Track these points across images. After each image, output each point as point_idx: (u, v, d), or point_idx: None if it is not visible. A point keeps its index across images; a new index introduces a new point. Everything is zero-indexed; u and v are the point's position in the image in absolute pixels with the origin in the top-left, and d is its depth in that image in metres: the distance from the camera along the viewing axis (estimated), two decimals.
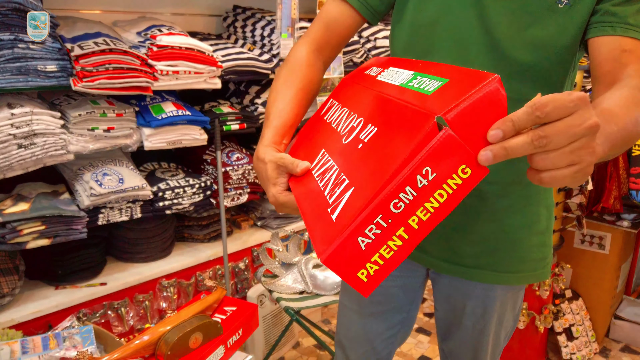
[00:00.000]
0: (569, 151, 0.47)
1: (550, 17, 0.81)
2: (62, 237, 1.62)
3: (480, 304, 1.03)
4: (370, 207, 0.51)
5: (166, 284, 1.93)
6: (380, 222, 0.52)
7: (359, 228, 0.52)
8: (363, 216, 0.52)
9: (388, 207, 0.51)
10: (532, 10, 0.81)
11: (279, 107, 0.86)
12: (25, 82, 1.53)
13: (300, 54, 0.95)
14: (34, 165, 1.59)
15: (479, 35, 0.85)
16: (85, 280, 1.80)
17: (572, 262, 2.39)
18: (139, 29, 1.89)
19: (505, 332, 1.11)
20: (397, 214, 0.52)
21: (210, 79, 1.93)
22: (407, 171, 0.50)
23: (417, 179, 0.51)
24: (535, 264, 1.02)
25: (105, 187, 1.71)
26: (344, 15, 0.96)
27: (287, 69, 0.93)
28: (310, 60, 0.95)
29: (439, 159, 0.50)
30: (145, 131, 1.81)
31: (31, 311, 1.61)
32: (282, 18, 2.09)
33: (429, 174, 0.50)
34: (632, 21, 0.77)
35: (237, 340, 1.38)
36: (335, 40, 0.97)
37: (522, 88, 0.86)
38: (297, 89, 0.89)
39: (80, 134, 1.67)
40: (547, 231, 1.04)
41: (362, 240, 0.52)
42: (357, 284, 0.54)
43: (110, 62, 1.62)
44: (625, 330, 2.46)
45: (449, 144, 0.50)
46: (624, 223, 2.31)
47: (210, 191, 2.02)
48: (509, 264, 0.99)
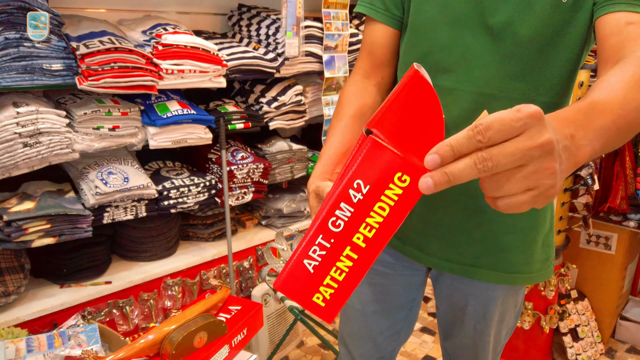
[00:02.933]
0: (522, 176, 0.42)
1: (554, 13, 0.79)
2: (67, 236, 1.62)
3: (481, 304, 1.03)
4: (311, 229, 0.51)
5: (171, 283, 1.93)
6: (323, 243, 0.51)
7: (304, 251, 0.52)
8: (307, 239, 0.52)
9: (327, 226, 0.51)
10: (535, 6, 0.80)
11: (331, 140, 0.88)
12: (30, 81, 1.53)
13: (350, 87, 0.97)
14: (39, 164, 1.59)
15: (480, 33, 0.84)
16: (90, 279, 1.80)
17: (578, 262, 2.38)
18: (144, 27, 1.89)
19: (507, 330, 1.11)
20: (338, 233, 0.50)
21: (215, 77, 1.93)
22: (339, 188, 0.49)
23: (350, 194, 0.49)
24: (540, 265, 1.01)
25: (110, 185, 1.71)
26: (378, 34, 0.96)
27: (339, 104, 0.96)
28: (359, 88, 0.96)
29: (369, 169, 0.48)
30: (151, 130, 1.81)
31: (36, 310, 1.62)
32: (287, 17, 2.08)
33: (361, 187, 0.48)
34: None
35: (241, 339, 1.38)
36: (381, 60, 0.98)
37: (525, 87, 0.85)
38: (348, 117, 0.91)
39: (85, 133, 1.67)
40: (550, 232, 1.03)
41: (308, 263, 0.52)
42: (315, 309, 0.53)
43: (116, 60, 1.62)
44: (631, 331, 2.45)
45: (375, 152, 0.47)
46: (630, 223, 2.29)
47: (215, 190, 2.02)
48: (512, 264, 0.98)
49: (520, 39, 0.82)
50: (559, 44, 0.82)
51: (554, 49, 0.82)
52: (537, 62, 0.83)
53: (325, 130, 2.38)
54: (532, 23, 0.81)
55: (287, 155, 2.32)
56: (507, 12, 0.82)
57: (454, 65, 0.87)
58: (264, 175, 2.19)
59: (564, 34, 0.81)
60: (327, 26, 2.27)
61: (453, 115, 0.88)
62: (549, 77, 0.85)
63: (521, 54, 0.83)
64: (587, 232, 2.27)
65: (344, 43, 2.37)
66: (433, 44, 0.89)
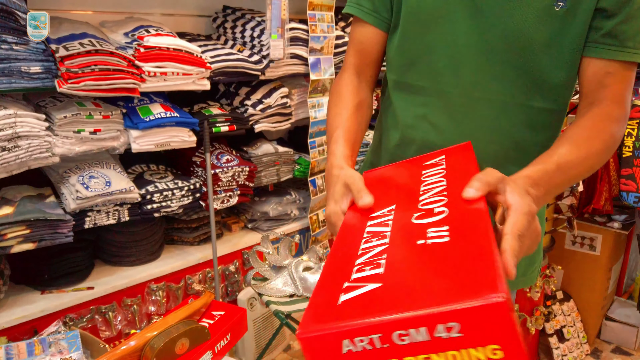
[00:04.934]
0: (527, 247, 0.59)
1: (547, 20, 0.80)
2: (47, 241, 1.59)
3: None
4: (374, 319, 0.45)
5: (155, 288, 1.91)
6: (375, 340, 0.46)
7: (352, 331, 0.46)
8: (363, 323, 0.45)
9: (391, 332, 0.45)
10: (528, 13, 0.80)
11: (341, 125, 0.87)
12: (8, 84, 1.50)
13: (344, 81, 0.97)
14: (18, 168, 1.56)
15: (473, 39, 0.84)
16: (72, 285, 1.77)
17: (563, 264, 2.40)
18: (127, 29, 1.87)
19: None
20: (396, 345, 0.45)
21: (199, 80, 1.91)
22: (431, 311, 0.43)
23: (437, 326, 0.43)
24: (524, 269, 1.01)
25: (91, 190, 1.68)
26: (366, 34, 0.97)
27: (336, 95, 0.95)
28: (355, 85, 0.96)
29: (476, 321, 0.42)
30: (133, 133, 1.78)
31: (16, 316, 1.59)
32: (271, 19, 2.07)
33: (452, 330, 0.43)
34: (630, 44, 0.78)
35: (225, 345, 1.36)
36: (370, 60, 0.98)
37: (516, 92, 0.85)
38: (352, 107, 0.91)
39: (66, 136, 1.64)
40: None
41: (346, 345, 0.46)
42: None
43: (96, 63, 1.60)
44: (616, 331, 2.47)
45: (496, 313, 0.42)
46: (614, 224, 2.31)
47: (200, 193, 2.00)
48: None
49: (510, 43, 0.82)
50: (550, 50, 0.82)
51: (546, 56, 0.82)
52: (528, 68, 0.84)
53: (312, 133, 2.38)
54: (522, 27, 0.81)
55: (273, 157, 2.31)
56: (499, 16, 0.82)
57: (444, 68, 0.88)
58: (249, 178, 2.17)
59: (556, 42, 0.81)
60: (313, 28, 2.27)
61: (444, 120, 0.89)
62: (541, 83, 0.85)
63: (511, 59, 0.83)
64: (572, 233, 2.29)
65: (329, 45, 2.36)
66: (425, 47, 0.89)
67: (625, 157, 2.22)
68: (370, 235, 0.62)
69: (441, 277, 0.48)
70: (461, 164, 0.74)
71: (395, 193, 0.72)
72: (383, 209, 0.68)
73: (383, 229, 0.62)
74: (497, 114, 0.86)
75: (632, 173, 2.18)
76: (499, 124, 0.87)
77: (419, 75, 0.91)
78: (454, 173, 0.71)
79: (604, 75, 0.80)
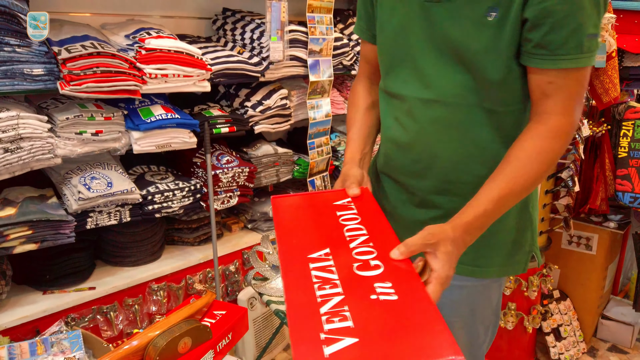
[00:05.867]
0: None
1: (482, 29, 0.85)
2: (49, 242, 1.60)
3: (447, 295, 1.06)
4: None
5: (156, 288, 1.92)
6: None
7: None
8: None
9: None
10: (466, 23, 0.87)
11: (354, 127, 1.09)
12: (11, 86, 1.51)
13: (357, 87, 1.16)
14: (20, 170, 1.58)
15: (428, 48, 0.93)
16: (73, 285, 1.79)
17: (560, 263, 2.42)
18: (128, 32, 1.89)
19: (485, 327, 1.14)
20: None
21: (199, 82, 1.92)
22: None
23: None
24: (504, 260, 1.05)
25: (93, 191, 1.70)
26: (367, 48, 1.13)
27: (353, 99, 1.15)
28: (367, 87, 1.14)
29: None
30: (134, 134, 1.80)
31: (18, 316, 1.60)
32: (271, 21, 2.09)
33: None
34: (562, 51, 0.81)
35: (226, 344, 1.38)
36: (375, 68, 1.12)
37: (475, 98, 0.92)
38: (364, 109, 1.11)
39: (67, 138, 1.65)
40: (520, 229, 1.06)
41: None
42: None
43: (98, 65, 1.61)
44: (612, 329, 2.49)
45: None
46: (610, 224, 2.34)
47: (200, 194, 2.01)
48: (473, 257, 1.02)
49: (457, 50, 0.89)
50: (489, 56, 0.87)
51: (487, 61, 0.88)
52: (475, 72, 0.90)
53: (311, 134, 2.39)
54: (463, 35, 0.87)
55: (273, 158, 2.33)
56: (445, 27, 0.89)
57: (408, 75, 0.98)
58: (249, 178, 2.19)
59: (493, 48, 0.86)
60: (312, 30, 2.29)
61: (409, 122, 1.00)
62: (488, 87, 0.90)
63: (460, 65, 0.90)
64: (569, 233, 2.31)
65: (328, 47, 2.38)
66: (393, 59, 1.02)
67: (620, 157, 2.24)
68: (321, 282, 0.73)
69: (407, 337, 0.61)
70: (370, 212, 0.89)
71: (320, 233, 0.85)
72: (319, 251, 0.80)
73: (330, 275, 0.74)
74: (454, 115, 0.94)
75: (627, 173, 2.21)
76: (457, 124, 0.95)
77: (392, 83, 1.02)
78: (369, 222, 0.86)
79: (545, 85, 0.84)
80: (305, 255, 0.79)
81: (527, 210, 1.06)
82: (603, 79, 2.14)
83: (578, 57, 0.81)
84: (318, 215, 0.91)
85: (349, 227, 0.85)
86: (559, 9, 0.78)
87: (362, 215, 0.88)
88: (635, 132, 2.23)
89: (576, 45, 0.80)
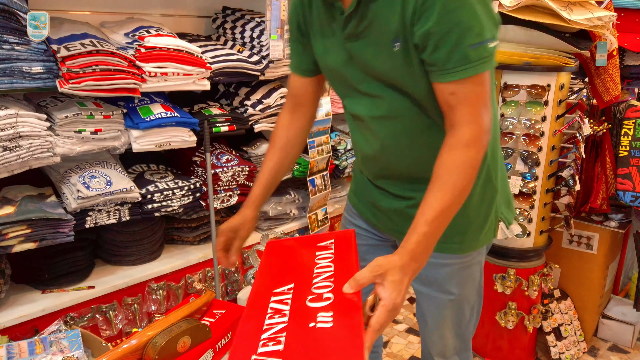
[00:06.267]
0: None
1: (392, 56, 0.96)
2: (48, 241, 1.60)
3: (434, 273, 1.18)
4: None
5: (155, 287, 1.92)
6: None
7: None
8: None
9: None
10: (380, 53, 0.97)
11: (265, 166, 1.21)
12: (10, 84, 1.51)
13: (279, 122, 1.25)
14: (19, 168, 1.57)
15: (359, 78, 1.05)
16: (72, 284, 1.78)
17: (561, 262, 2.41)
18: (127, 30, 1.88)
19: (470, 306, 1.24)
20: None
21: (199, 80, 1.92)
22: None
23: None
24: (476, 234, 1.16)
25: (92, 189, 1.69)
26: (298, 81, 1.22)
27: (271, 135, 1.25)
28: (286, 122, 1.23)
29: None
30: (134, 133, 1.79)
31: (17, 316, 1.59)
32: (271, 19, 2.08)
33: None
34: (449, 65, 0.90)
35: (226, 343, 1.37)
36: (304, 100, 1.24)
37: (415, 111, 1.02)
38: (277, 149, 1.22)
39: (67, 136, 1.65)
40: (487, 201, 1.15)
41: None
42: None
43: (97, 63, 1.61)
44: (613, 329, 2.49)
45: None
46: (611, 223, 2.33)
47: (200, 193, 2.01)
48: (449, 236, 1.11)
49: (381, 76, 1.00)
50: (407, 78, 0.98)
51: (406, 82, 0.98)
52: (402, 91, 1.00)
53: (311, 133, 2.39)
54: (380, 63, 0.98)
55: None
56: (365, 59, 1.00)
57: (353, 100, 1.10)
58: (249, 177, 2.18)
59: (407, 71, 0.97)
60: None
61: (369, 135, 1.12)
62: (417, 102, 1.01)
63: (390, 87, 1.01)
64: (569, 232, 2.30)
65: None
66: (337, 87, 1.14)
67: (621, 156, 2.24)
68: (273, 312, 0.82)
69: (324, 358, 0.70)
70: (345, 251, 0.97)
71: (293, 271, 0.94)
72: (284, 286, 0.89)
73: (283, 307, 0.83)
74: (405, 126, 1.05)
75: (628, 172, 2.20)
76: (409, 133, 1.06)
77: (349, 105, 1.14)
78: (340, 260, 0.94)
79: (448, 97, 0.92)
80: (272, 290, 0.89)
81: (490, 183, 1.14)
82: (604, 77, 2.14)
83: (465, 68, 0.89)
84: (298, 255, 1.02)
85: (319, 265, 0.94)
86: (436, 31, 0.87)
87: (336, 255, 0.96)
88: (636, 131, 2.23)
89: (460, 57, 0.88)
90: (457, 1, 0.86)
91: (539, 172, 2.05)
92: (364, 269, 0.84)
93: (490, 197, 1.16)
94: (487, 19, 0.89)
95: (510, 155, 2.06)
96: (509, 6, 1.86)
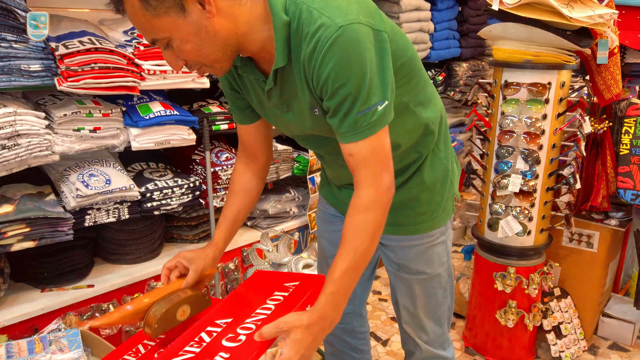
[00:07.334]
0: None
1: (314, 119, 1.06)
2: (47, 239, 1.59)
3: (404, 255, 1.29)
4: None
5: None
6: None
7: None
8: None
9: None
10: (305, 115, 1.06)
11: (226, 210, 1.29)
12: (8, 82, 1.50)
13: (234, 170, 1.32)
14: (18, 167, 1.56)
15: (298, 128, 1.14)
16: (72, 283, 1.78)
17: (561, 261, 2.41)
18: (126, 27, 1.87)
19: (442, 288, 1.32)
20: None
21: (198, 78, 1.91)
22: None
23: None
24: (435, 213, 1.25)
25: (91, 188, 1.69)
26: (244, 130, 1.26)
27: (229, 182, 1.34)
28: (241, 170, 1.31)
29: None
30: (133, 131, 1.79)
31: (16, 314, 1.59)
32: None
33: None
34: (343, 130, 0.98)
35: None
36: (255, 147, 1.28)
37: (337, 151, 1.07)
38: (235, 196, 1.29)
39: (65, 135, 1.64)
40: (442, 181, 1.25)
41: None
42: None
43: (96, 61, 1.60)
44: (613, 327, 2.49)
45: None
46: (611, 221, 2.33)
47: (199, 191, 2.00)
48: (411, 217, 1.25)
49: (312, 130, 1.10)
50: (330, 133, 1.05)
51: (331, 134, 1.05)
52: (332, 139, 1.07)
53: None
54: (307, 122, 1.07)
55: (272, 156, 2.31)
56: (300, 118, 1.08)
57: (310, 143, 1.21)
58: None
59: (320, 131, 1.09)
60: None
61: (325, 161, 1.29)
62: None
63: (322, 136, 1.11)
64: (570, 230, 2.30)
65: None
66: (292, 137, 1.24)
67: (622, 154, 2.23)
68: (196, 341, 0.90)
69: None
70: (296, 296, 1.02)
71: (243, 306, 1.00)
72: (223, 319, 0.95)
73: (207, 338, 0.91)
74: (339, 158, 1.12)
75: (629, 171, 2.20)
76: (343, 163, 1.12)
77: (305, 146, 1.27)
78: (286, 304, 0.99)
79: (348, 157, 1.00)
80: (213, 320, 0.95)
81: (441, 164, 1.24)
82: (605, 75, 2.13)
83: (355, 133, 0.97)
84: (260, 291, 1.08)
85: (265, 305, 1.00)
86: (331, 103, 0.96)
87: (286, 299, 1.01)
88: (637, 129, 2.22)
89: (350, 124, 0.96)
90: (344, 77, 0.92)
91: (539, 170, 2.05)
92: (271, 324, 0.91)
93: (443, 177, 1.26)
94: (378, 83, 0.95)
95: (510, 153, 2.05)
96: (510, 3, 1.85)
